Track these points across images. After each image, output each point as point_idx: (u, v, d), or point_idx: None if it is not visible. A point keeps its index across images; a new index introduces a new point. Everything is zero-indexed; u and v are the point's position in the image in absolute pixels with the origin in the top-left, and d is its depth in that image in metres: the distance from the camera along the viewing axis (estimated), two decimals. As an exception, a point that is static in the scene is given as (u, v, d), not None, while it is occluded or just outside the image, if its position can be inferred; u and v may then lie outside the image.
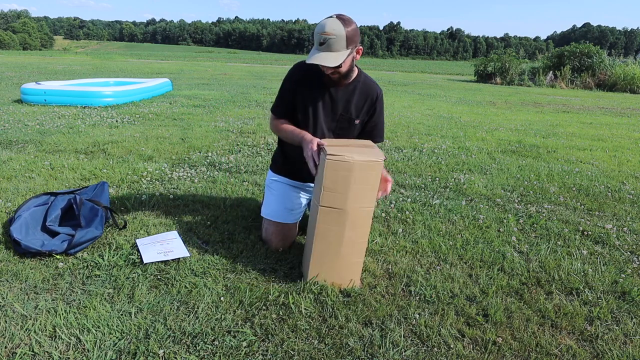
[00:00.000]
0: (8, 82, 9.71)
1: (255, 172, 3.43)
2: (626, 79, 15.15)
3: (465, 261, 2.12)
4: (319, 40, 1.75)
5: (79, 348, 1.41)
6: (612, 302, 1.81)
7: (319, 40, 1.74)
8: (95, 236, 2.04)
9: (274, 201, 2.16)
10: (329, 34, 1.72)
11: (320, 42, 1.74)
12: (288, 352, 1.44)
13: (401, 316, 1.65)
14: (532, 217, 2.74)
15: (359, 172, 1.63)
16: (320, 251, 1.75)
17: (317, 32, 1.75)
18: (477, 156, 4.34)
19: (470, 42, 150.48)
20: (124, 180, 3.07)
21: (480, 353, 1.48)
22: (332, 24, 1.73)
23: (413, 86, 13.86)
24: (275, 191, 2.18)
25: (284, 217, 2.12)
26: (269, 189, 2.22)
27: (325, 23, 1.74)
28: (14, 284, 1.74)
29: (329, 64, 1.75)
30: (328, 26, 1.73)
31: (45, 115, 5.50)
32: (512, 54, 18.77)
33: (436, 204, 2.88)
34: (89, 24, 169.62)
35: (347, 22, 1.75)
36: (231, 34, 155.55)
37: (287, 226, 2.12)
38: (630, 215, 2.86)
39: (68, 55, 36.49)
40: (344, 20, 1.75)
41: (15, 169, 3.21)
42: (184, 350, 1.43)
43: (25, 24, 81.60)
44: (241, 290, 1.75)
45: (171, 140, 4.39)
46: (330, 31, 1.72)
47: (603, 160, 4.43)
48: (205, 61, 29.69)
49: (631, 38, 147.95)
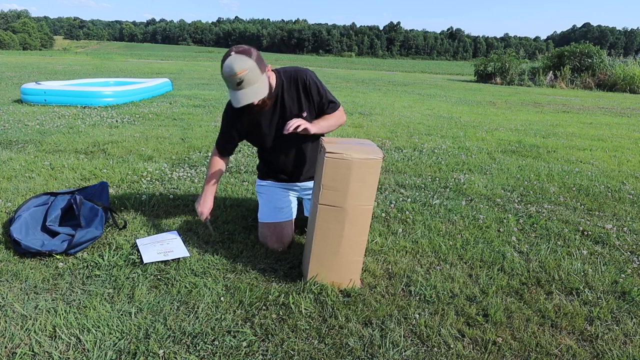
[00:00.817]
0: (8, 82, 9.71)
1: (255, 172, 3.42)
2: (626, 79, 15.14)
3: (465, 261, 2.12)
4: (234, 81, 1.75)
5: (79, 348, 1.41)
6: (612, 302, 1.81)
7: (235, 81, 1.75)
8: (95, 236, 2.04)
9: (264, 203, 2.22)
10: (241, 72, 1.73)
11: (237, 83, 1.76)
12: (288, 352, 1.44)
13: (401, 316, 1.65)
14: (532, 217, 2.74)
15: (357, 170, 1.63)
16: (320, 249, 1.75)
17: (228, 75, 1.75)
18: (477, 156, 4.34)
19: (470, 42, 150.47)
20: (124, 180, 3.07)
21: (480, 353, 1.48)
22: (238, 62, 1.73)
23: (413, 86, 13.86)
24: (264, 194, 2.24)
25: (274, 216, 2.15)
26: (259, 194, 2.30)
27: (231, 64, 1.73)
28: (14, 284, 1.74)
29: (258, 97, 1.81)
30: (237, 66, 1.73)
31: (45, 115, 5.50)
32: (512, 54, 18.77)
33: (436, 204, 2.88)
34: (89, 24, 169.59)
35: (248, 52, 1.77)
36: (231, 34, 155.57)
37: (279, 225, 2.14)
38: (630, 215, 2.86)
39: (68, 55, 36.49)
40: (245, 51, 1.77)
41: (15, 169, 3.21)
42: (184, 350, 1.43)
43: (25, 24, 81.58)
44: (241, 290, 1.75)
45: (171, 140, 4.39)
46: (241, 69, 1.73)
47: (603, 160, 4.43)
48: (205, 61, 29.70)
49: (631, 38, 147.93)
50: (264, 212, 2.18)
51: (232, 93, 1.81)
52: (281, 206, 2.18)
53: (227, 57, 1.76)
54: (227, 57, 1.77)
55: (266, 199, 2.22)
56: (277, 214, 2.16)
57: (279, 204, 2.18)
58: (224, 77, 1.78)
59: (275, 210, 2.16)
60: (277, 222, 2.14)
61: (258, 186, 2.31)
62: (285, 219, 2.16)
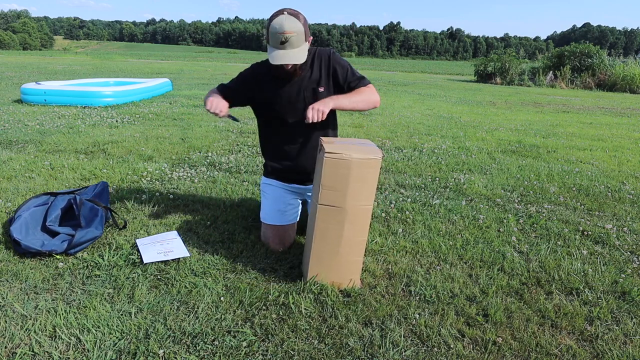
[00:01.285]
0: (8, 82, 9.71)
1: (255, 172, 3.43)
2: (626, 79, 15.14)
3: (465, 261, 2.12)
4: (279, 39, 1.76)
5: (79, 348, 1.41)
6: (612, 302, 1.81)
7: (279, 39, 1.76)
8: (95, 236, 2.04)
9: (267, 204, 2.19)
10: (289, 33, 1.75)
11: (281, 42, 1.76)
12: (288, 352, 1.44)
13: (401, 316, 1.65)
14: (532, 217, 2.74)
15: (357, 169, 1.63)
16: (320, 250, 1.75)
17: (275, 32, 1.75)
18: (477, 156, 4.34)
19: (470, 42, 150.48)
20: (124, 180, 3.07)
21: (480, 353, 1.48)
22: (289, 22, 1.75)
23: (413, 86, 13.86)
24: (268, 194, 2.20)
25: (276, 219, 2.13)
26: (263, 193, 2.25)
27: (282, 22, 1.75)
28: (14, 284, 1.74)
29: (297, 61, 1.80)
30: (287, 25, 1.74)
31: (45, 115, 5.50)
32: (512, 54, 18.75)
33: (436, 204, 2.88)
34: (89, 24, 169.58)
35: (300, 17, 1.79)
36: (231, 34, 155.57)
37: (282, 228, 2.13)
38: (630, 215, 2.86)
39: (68, 55, 36.50)
40: (297, 15, 1.79)
41: (15, 169, 3.21)
42: (184, 350, 1.43)
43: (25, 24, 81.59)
44: (241, 290, 1.75)
45: (171, 140, 4.39)
46: (290, 30, 1.74)
47: (603, 160, 4.43)
48: (205, 61, 29.70)
49: (631, 38, 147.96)
50: (268, 214, 2.16)
51: (273, 50, 1.80)
52: (284, 210, 2.15)
53: (278, 15, 1.77)
54: (277, 15, 1.77)
55: (271, 201, 2.17)
56: (281, 216, 2.13)
57: (282, 207, 2.15)
58: (270, 32, 1.78)
59: (279, 213, 2.14)
60: (281, 225, 2.13)
61: (263, 185, 2.24)
62: (289, 222, 2.15)
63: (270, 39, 1.80)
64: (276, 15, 1.78)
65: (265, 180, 2.23)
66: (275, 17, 1.78)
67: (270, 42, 1.81)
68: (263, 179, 2.26)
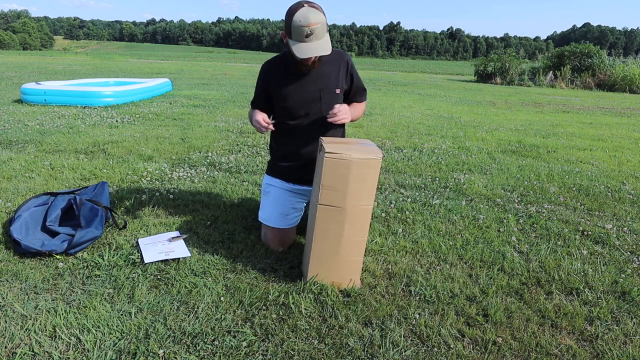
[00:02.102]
0: (8, 82, 9.71)
1: (255, 172, 3.43)
2: (626, 79, 15.14)
3: (465, 261, 2.12)
4: (304, 32, 1.75)
5: (79, 348, 1.41)
6: (612, 302, 1.81)
7: (305, 32, 1.75)
8: (95, 236, 2.04)
9: (270, 206, 2.14)
10: (314, 24, 1.74)
11: (306, 34, 1.76)
12: (288, 352, 1.44)
13: (401, 316, 1.65)
14: (532, 217, 2.74)
15: (357, 169, 1.63)
16: (320, 250, 1.75)
17: (300, 25, 1.75)
18: (477, 156, 4.34)
19: (470, 42, 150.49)
20: (124, 180, 3.07)
21: (480, 353, 1.48)
22: (313, 14, 1.75)
23: (413, 86, 13.86)
24: (271, 195, 2.15)
25: (279, 222, 2.11)
26: (265, 193, 2.19)
27: (306, 14, 1.74)
28: (14, 284, 1.74)
29: (325, 52, 1.80)
30: (312, 17, 1.74)
31: (45, 115, 5.50)
32: (512, 54, 18.75)
33: (436, 204, 2.88)
34: (89, 24, 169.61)
35: (319, 8, 1.79)
36: (231, 34, 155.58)
37: (283, 230, 2.12)
38: (630, 215, 2.86)
39: (68, 55, 36.50)
40: (317, 6, 1.79)
41: (15, 169, 3.21)
42: (184, 350, 1.43)
43: (25, 24, 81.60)
44: (241, 290, 1.75)
45: (171, 140, 4.39)
46: (315, 21, 1.74)
47: (603, 160, 4.43)
48: (205, 61, 29.70)
49: (631, 38, 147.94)
50: (270, 216, 2.12)
51: (298, 45, 1.78)
52: (287, 213, 2.12)
53: (299, 8, 1.75)
54: (298, 8, 1.75)
55: (273, 202, 2.13)
56: (282, 220, 2.11)
57: (285, 210, 2.12)
58: (293, 26, 1.76)
59: (281, 217, 2.11)
60: (283, 228, 2.12)
61: (266, 184, 2.19)
62: (291, 225, 2.14)
63: (293, 33, 1.78)
64: (296, 8, 1.76)
65: (270, 180, 2.17)
66: (296, 10, 1.75)
67: (293, 36, 1.79)
68: (267, 178, 2.20)
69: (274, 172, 2.16)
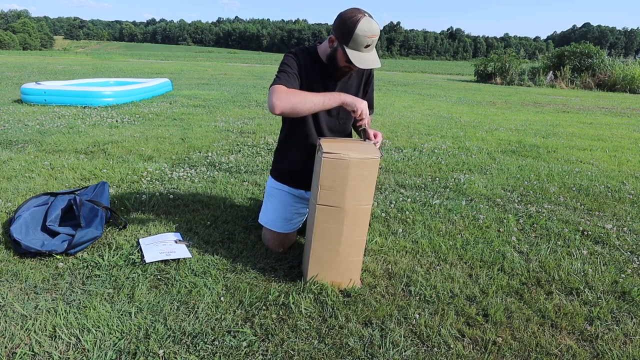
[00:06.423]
0: (8, 82, 9.71)
1: (255, 172, 3.43)
2: (626, 79, 15.14)
3: (465, 261, 2.12)
4: (365, 42, 1.70)
5: (79, 348, 1.41)
6: (612, 302, 1.81)
7: (366, 42, 1.70)
8: (95, 236, 2.04)
9: (273, 210, 2.11)
10: (376, 37, 1.71)
11: (366, 45, 1.71)
12: (288, 352, 1.44)
13: (401, 316, 1.65)
14: (532, 217, 2.74)
15: (356, 169, 1.63)
16: (319, 250, 1.75)
17: (364, 35, 1.68)
18: (477, 156, 4.34)
19: (470, 42, 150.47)
20: (124, 180, 3.07)
21: (480, 353, 1.48)
22: (376, 26, 1.70)
23: (413, 86, 13.86)
24: (275, 199, 2.11)
25: (281, 226, 2.09)
26: (269, 196, 2.15)
27: (371, 25, 1.68)
28: (14, 284, 1.74)
29: (379, 65, 1.76)
30: (375, 29, 1.69)
31: (45, 115, 5.50)
32: (512, 54, 18.74)
33: (436, 204, 2.88)
34: (89, 24, 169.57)
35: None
36: (231, 34, 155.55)
37: (285, 234, 2.11)
38: (630, 215, 2.86)
39: (68, 55, 36.49)
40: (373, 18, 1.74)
41: (15, 169, 3.21)
42: (184, 350, 1.43)
43: (25, 24, 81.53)
44: (241, 290, 1.75)
45: (171, 140, 4.39)
46: (377, 34, 1.71)
47: (603, 160, 4.43)
48: (205, 61, 29.69)
49: (631, 38, 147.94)
50: (272, 220, 2.09)
51: (357, 54, 1.72)
52: (290, 218, 2.10)
53: (361, 17, 1.68)
54: (359, 17, 1.68)
55: (276, 207, 2.10)
56: (284, 225, 2.09)
57: (289, 215, 2.09)
58: (357, 35, 1.68)
59: (284, 222, 2.09)
60: (284, 232, 2.10)
61: (270, 188, 2.14)
62: (291, 230, 2.13)
63: (353, 41, 1.70)
64: (358, 17, 1.68)
65: (276, 185, 2.12)
66: (358, 19, 1.68)
67: (351, 44, 1.71)
68: (272, 182, 2.14)
69: (281, 177, 2.11)
